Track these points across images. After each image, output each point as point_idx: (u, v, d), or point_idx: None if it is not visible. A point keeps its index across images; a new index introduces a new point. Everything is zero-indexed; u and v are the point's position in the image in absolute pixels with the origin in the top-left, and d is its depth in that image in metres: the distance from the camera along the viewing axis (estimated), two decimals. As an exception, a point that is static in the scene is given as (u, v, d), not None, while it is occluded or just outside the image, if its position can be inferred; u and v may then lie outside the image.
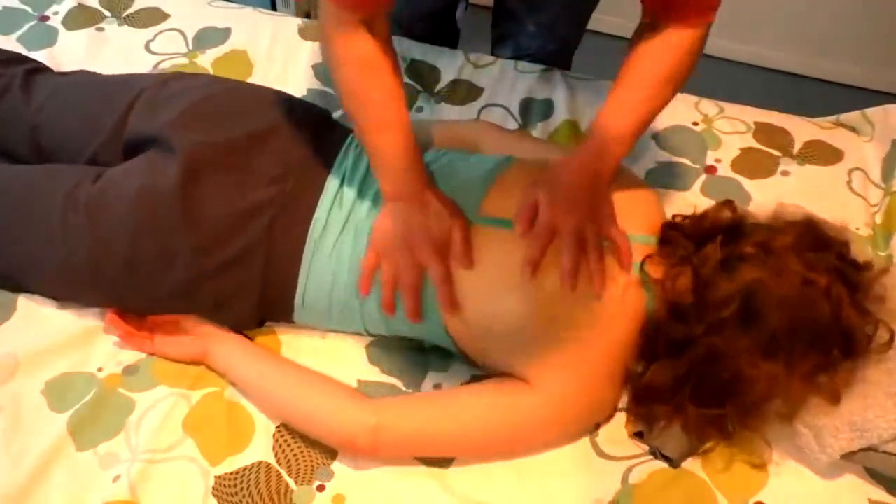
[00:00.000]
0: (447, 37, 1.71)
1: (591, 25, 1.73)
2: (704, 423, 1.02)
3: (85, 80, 1.34)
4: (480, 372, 1.12)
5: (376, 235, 1.08)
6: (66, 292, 1.18)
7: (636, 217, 1.10)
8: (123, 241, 1.09)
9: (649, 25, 1.06)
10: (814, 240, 1.03)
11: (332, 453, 1.07)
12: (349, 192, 1.14)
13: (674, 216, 1.15)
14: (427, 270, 1.05)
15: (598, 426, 1.09)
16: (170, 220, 1.08)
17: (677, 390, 1.01)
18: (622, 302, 1.03)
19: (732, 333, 0.97)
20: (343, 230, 1.12)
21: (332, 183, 1.15)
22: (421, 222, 1.06)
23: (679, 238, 1.08)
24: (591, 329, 1.02)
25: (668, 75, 1.07)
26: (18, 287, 1.20)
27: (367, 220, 1.12)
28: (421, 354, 1.17)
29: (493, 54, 1.67)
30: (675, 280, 1.03)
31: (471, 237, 1.06)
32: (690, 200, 1.33)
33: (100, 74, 1.36)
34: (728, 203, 1.13)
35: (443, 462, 1.06)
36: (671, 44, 1.05)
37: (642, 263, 1.05)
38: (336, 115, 1.36)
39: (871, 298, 1.03)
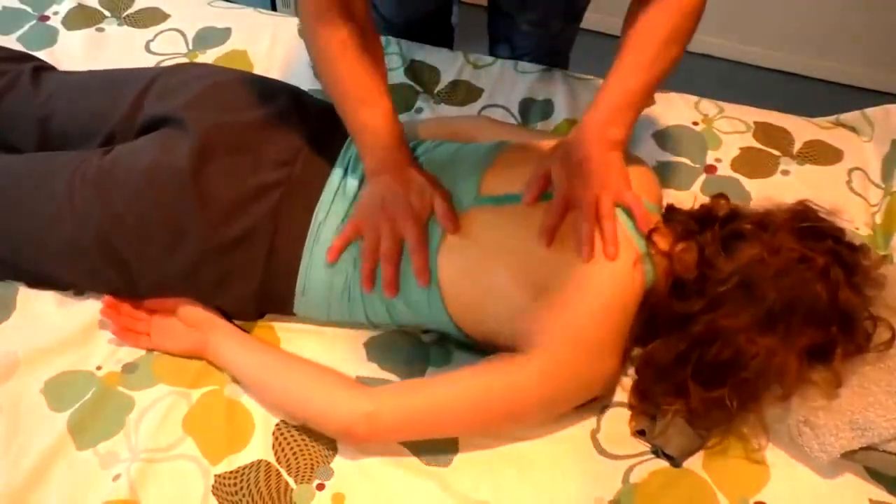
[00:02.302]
0: (442, 40, 1.71)
1: (590, 25, 1.73)
2: (707, 408, 1.02)
3: (94, 74, 1.35)
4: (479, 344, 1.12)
5: (358, 209, 1.11)
6: (70, 273, 1.18)
7: (639, 186, 1.11)
8: (134, 214, 1.10)
9: None
10: (809, 218, 1.05)
11: (332, 452, 1.07)
12: (352, 184, 1.15)
13: (671, 205, 1.17)
14: (405, 239, 1.07)
15: (602, 410, 1.09)
16: (181, 196, 1.09)
17: (679, 367, 1.01)
18: (622, 272, 1.03)
19: (731, 309, 0.99)
20: (344, 221, 1.12)
21: (336, 172, 1.16)
22: (402, 195, 1.09)
23: (682, 215, 1.11)
24: (587, 297, 1.01)
25: (671, 36, 1.06)
26: (18, 273, 1.20)
27: None
28: (420, 349, 1.17)
29: (490, 55, 1.68)
30: (681, 254, 1.05)
31: (455, 211, 1.09)
32: (690, 200, 1.33)
33: (109, 70, 1.37)
34: (723, 195, 1.16)
35: (442, 460, 1.06)
36: (672, 3, 1.05)
37: (649, 235, 1.06)
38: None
39: (870, 282, 1.04)
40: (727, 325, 0.99)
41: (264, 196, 1.11)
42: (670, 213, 1.13)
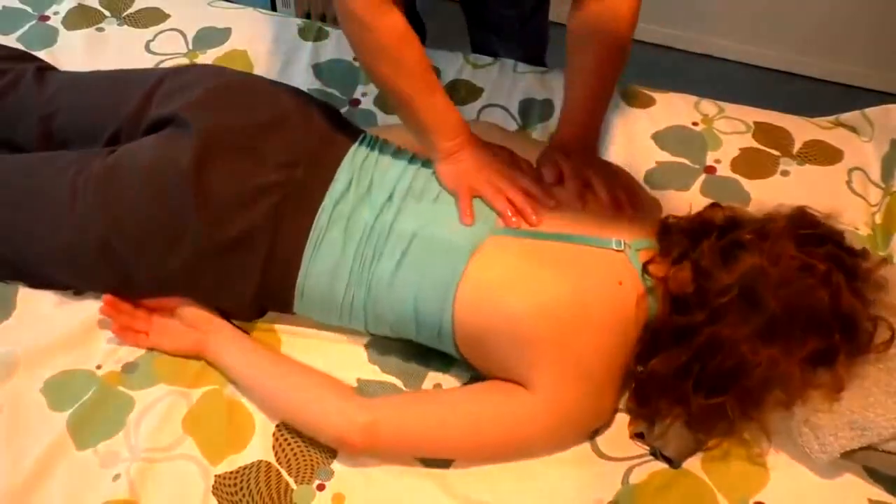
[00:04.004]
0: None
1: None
2: (707, 415, 1.02)
3: (99, 73, 1.35)
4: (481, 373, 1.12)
5: (448, 181, 1.14)
6: (69, 273, 1.18)
7: (637, 223, 1.11)
8: (135, 214, 1.10)
9: None
10: (808, 224, 1.04)
11: (332, 452, 1.07)
12: (355, 193, 1.14)
13: (668, 216, 1.16)
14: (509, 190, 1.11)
15: (595, 432, 1.09)
16: (180, 194, 1.09)
17: (680, 379, 1.01)
18: (627, 307, 1.03)
19: (733, 320, 0.98)
20: (346, 229, 1.11)
21: (341, 179, 1.15)
22: (493, 159, 1.16)
23: (677, 235, 1.09)
24: (593, 336, 1.02)
25: (613, 42, 1.20)
26: (18, 274, 1.20)
27: (371, 221, 1.11)
28: (421, 354, 1.16)
29: (474, 48, 1.75)
30: (676, 275, 1.04)
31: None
32: (690, 201, 1.33)
33: (113, 70, 1.36)
34: (717, 205, 1.15)
35: (443, 462, 1.06)
36: (609, 12, 1.17)
37: (645, 268, 1.05)
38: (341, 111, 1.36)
39: (870, 286, 1.03)
40: (730, 336, 0.98)
41: (265, 197, 1.11)
42: (665, 230, 1.12)
